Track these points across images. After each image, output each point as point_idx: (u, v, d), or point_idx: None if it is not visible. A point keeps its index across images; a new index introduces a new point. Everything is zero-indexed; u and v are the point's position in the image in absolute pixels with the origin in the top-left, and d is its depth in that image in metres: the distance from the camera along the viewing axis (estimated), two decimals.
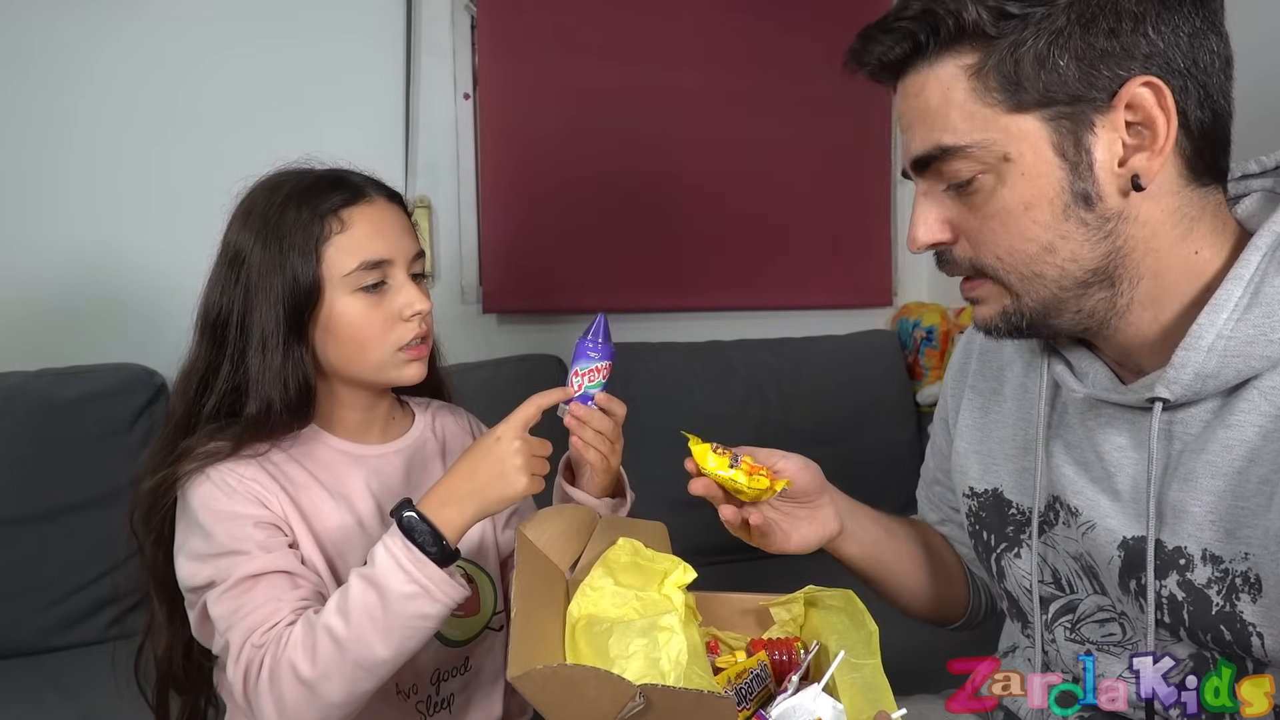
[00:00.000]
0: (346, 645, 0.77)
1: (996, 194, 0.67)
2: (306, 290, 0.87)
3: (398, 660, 0.80)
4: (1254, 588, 0.64)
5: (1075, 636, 0.79)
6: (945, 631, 1.05)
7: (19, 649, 1.37)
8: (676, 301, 2.01)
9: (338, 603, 0.79)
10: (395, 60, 1.78)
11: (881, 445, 1.91)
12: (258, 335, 0.87)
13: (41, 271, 1.57)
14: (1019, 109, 0.64)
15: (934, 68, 0.67)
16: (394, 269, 0.90)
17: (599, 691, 0.61)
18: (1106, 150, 0.64)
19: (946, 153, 0.67)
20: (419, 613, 0.79)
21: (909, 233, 0.72)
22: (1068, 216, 0.66)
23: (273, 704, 0.78)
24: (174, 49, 1.63)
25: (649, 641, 0.71)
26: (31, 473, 1.39)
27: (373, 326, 0.89)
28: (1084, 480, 0.76)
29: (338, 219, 0.88)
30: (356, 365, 0.90)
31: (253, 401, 0.87)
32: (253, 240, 0.88)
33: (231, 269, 0.89)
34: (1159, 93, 0.62)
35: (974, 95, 0.65)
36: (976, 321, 0.74)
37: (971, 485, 0.88)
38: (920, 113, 0.68)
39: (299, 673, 0.78)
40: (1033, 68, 0.63)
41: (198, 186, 1.66)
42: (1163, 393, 0.67)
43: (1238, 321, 0.64)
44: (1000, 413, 0.86)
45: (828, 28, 2.03)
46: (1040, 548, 0.81)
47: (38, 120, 1.55)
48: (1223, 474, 0.66)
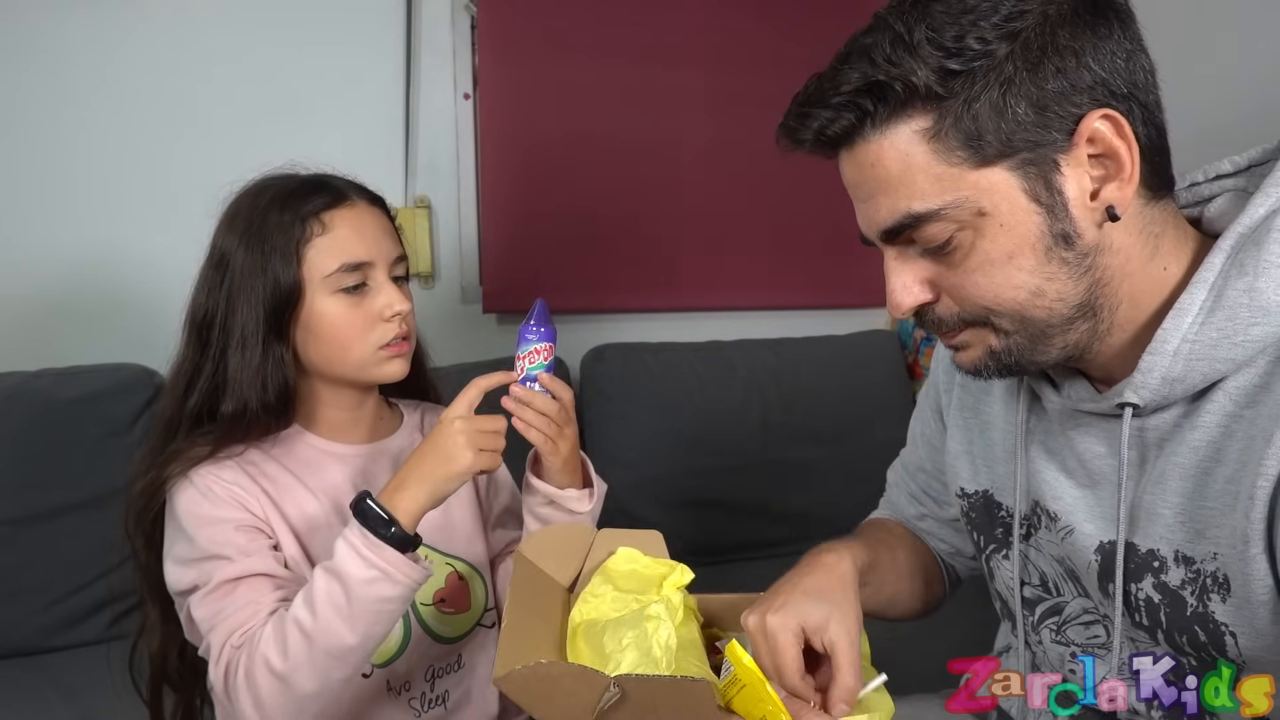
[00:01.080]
0: (315, 636, 0.79)
1: (976, 249, 0.65)
2: (287, 291, 0.89)
3: (366, 645, 0.82)
4: (1223, 588, 0.65)
5: (1061, 639, 0.80)
6: (945, 632, 1.05)
7: (19, 649, 1.37)
8: (676, 301, 2.01)
9: (304, 596, 0.81)
10: (395, 60, 1.78)
11: (881, 445, 1.89)
12: (238, 335, 0.89)
13: (42, 271, 1.57)
14: (985, 163, 0.63)
15: (886, 135, 0.65)
16: (374, 270, 0.92)
17: (576, 685, 0.64)
18: (1076, 186, 0.64)
19: (919, 220, 0.65)
20: (380, 596, 0.81)
21: (889, 300, 0.70)
22: (1050, 259, 0.65)
23: (250, 700, 0.81)
24: (174, 50, 1.62)
25: (639, 633, 0.73)
26: (31, 473, 1.39)
27: (353, 326, 0.91)
28: (1063, 485, 0.76)
29: (319, 221, 0.90)
30: (338, 364, 0.92)
31: (229, 400, 0.89)
32: (237, 243, 0.90)
33: (217, 271, 0.91)
34: (1115, 123, 0.62)
35: (936, 157, 0.64)
36: (963, 366, 0.73)
37: (963, 486, 0.89)
38: (880, 182, 0.66)
39: (272, 667, 0.80)
40: (991, 120, 0.62)
41: (198, 186, 1.65)
42: (1131, 398, 0.67)
43: (1201, 325, 0.64)
44: (989, 414, 0.86)
45: (828, 28, 2.03)
46: (1026, 550, 0.81)
47: (40, 120, 1.55)
48: (1190, 475, 0.66)
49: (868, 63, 0.63)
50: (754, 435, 1.83)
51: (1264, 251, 0.63)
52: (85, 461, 1.42)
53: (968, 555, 0.99)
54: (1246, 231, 0.65)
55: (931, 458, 0.97)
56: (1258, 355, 0.64)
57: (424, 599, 0.97)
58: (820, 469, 1.84)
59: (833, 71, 0.66)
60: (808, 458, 1.84)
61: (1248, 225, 0.65)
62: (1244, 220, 0.65)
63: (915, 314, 0.72)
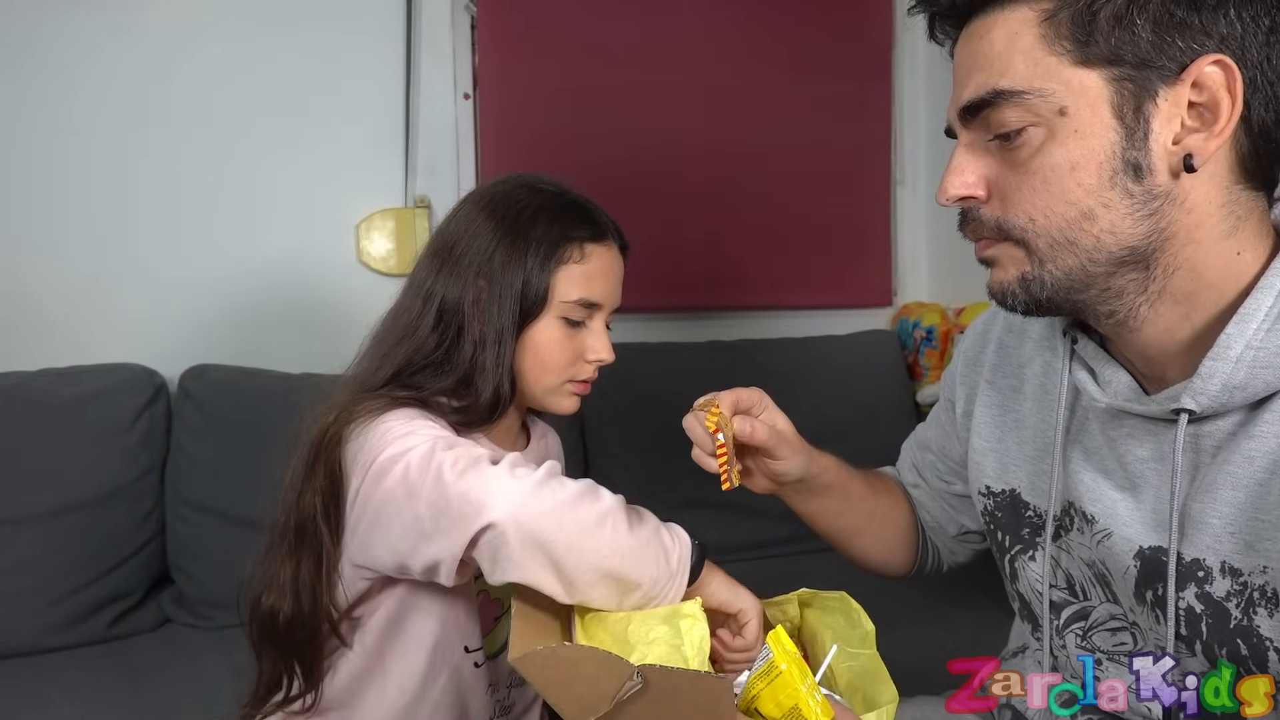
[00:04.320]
0: (582, 496, 0.74)
1: (1044, 149, 0.64)
2: (534, 299, 0.89)
3: (594, 558, 0.72)
4: (1271, 602, 0.63)
5: (1086, 644, 0.78)
6: (946, 632, 1.05)
7: (19, 649, 1.36)
8: (677, 301, 2.01)
9: None
10: (395, 60, 1.78)
11: (881, 445, 1.89)
12: (494, 326, 0.88)
13: (42, 271, 1.57)
14: (1085, 63, 0.62)
15: (1006, 10, 0.64)
16: (599, 313, 0.94)
17: (596, 671, 0.62)
18: (1165, 124, 0.62)
19: (1000, 97, 0.64)
20: (659, 553, 0.75)
21: (941, 183, 0.69)
22: (1114, 184, 0.63)
23: (482, 482, 0.73)
24: (175, 49, 1.63)
25: (671, 629, 0.72)
26: (31, 473, 1.39)
27: (563, 355, 0.92)
28: (1102, 488, 0.74)
29: (580, 249, 0.91)
30: (532, 382, 0.93)
31: (485, 388, 0.88)
32: (494, 229, 0.90)
33: (464, 249, 0.90)
34: (1230, 74, 0.60)
35: (1042, 41, 0.62)
36: (991, 288, 0.71)
37: (988, 484, 0.87)
38: (982, 56, 0.65)
39: (528, 483, 0.73)
40: (1108, 23, 0.61)
41: (198, 186, 1.67)
42: (1189, 404, 0.65)
43: (1268, 332, 0.62)
44: (1019, 412, 0.84)
45: (828, 28, 2.04)
46: (1055, 553, 0.80)
47: (37, 119, 1.55)
48: (1244, 486, 0.64)
49: None
50: None
51: None
52: (85, 461, 1.42)
53: (949, 535, 1.00)
54: None
55: (938, 439, 0.98)
56: None
57: None
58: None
59: None
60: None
61: None
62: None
63: (961, 213, 0.70)
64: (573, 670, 0.63)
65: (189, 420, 1.51)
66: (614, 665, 0.62)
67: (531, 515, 0.71)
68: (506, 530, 0.71)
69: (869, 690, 0.73)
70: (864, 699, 0.73)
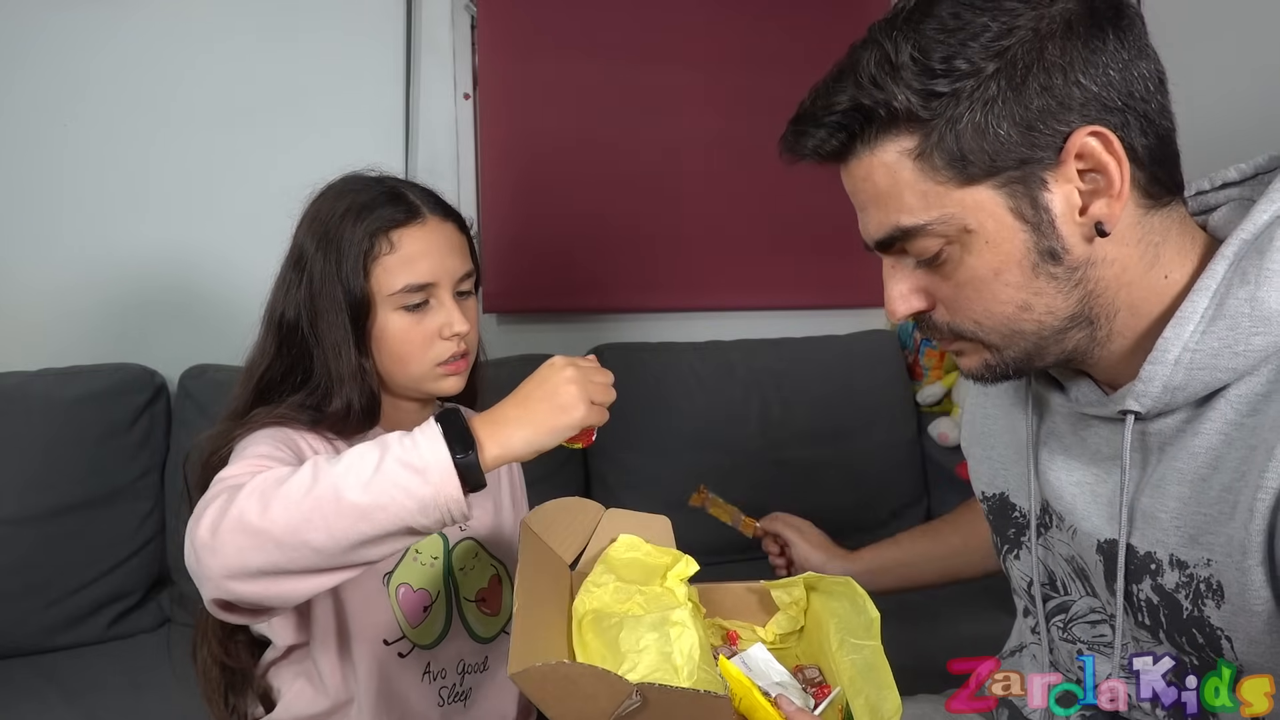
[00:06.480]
0: (321, 474, 0.68)
1: (964, 263, 0.66)
2: (359, 303, 0.90)
3: (357, 525, 0.67)
4: (1217, 594, 0.65)
5: (1068, 636, 0.81)
6: (945, 632, 1.05)
7: (19, 649, 1.37)
8: (676, 301, 2.01)
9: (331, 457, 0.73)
10: (395, 60, 1.78)
11: (881, 445, 1.91)
12: (330, 340, 0.90)
13: (41, 271, 1.57)
14: (969, 182, 0.64)
15: (875, 153, 0.66)
16: (438, 290, 0.92)
17: (596, 688, 0.62)
18: (1064, 202, 0.64)
19: (907, 233, 0.67)
20: (406, 488, 0.67)
21: (886, 307, 0.72)
22: (1038, 274, 0.65)
23: (212, 513, 0.69)
24: (174, 49, 1.63)
25: (660, 636, 0.72)
26: (31, 473, 1.39)
27: (413, 343, 0.92)
28: (1065, 485, 0.77)
29: (387, 240, 0.90)
30: (399, 376, 0.94)
31: (336, 399, 0.90)
32: (314, 248, 0.92)
33: (296, 270, 0.93)
34: (1105, 140, 0.62)
35: (922, 175, 0.64)
36: (963, 372, 0.75)
37: (983, 489, 0.90)
38: (872, 196, 0.68)
39: (258, 484, 0.69)
40: (974, 140, 0.62)
41: (197, 187, 1.67)
42: (1133, 405, 0.68)
43: (1203, 334, 0.64)
44: (997, 419, 0.88)
45: (828, 28, 2.03)
46: (1041, 551, 0.82)
47: (35, 120, 1.55)
48: (1188, 481, 0.66)
49: (854, 84, 0.65)
50: (754, 435, 1.83)
51: (1266, 260, 0.62)
52: (85, 461, 1.42)
53: None
54: (1249, 239, 0.65)
55: None
56: (1261, 364, 0.63)
57: (468, 594, 0.98)
58: (820, 469, 1.84)
59: (825, 89, 0.67)
60: (807, 458, 1.84)
61: (1250, 233, 0.65)
62: (1246, 228, 0.65)
63: (916, 321, 0.73)
64: (571, 687, 0.63)
65: (189, 420, 1.51)
66: (612, 683, 0.62)
67: (230, 558, 0.67)
68: (227, 586, 0.68)
69: (872, 695, 0.73)
70: (867, 703, 0.72)
